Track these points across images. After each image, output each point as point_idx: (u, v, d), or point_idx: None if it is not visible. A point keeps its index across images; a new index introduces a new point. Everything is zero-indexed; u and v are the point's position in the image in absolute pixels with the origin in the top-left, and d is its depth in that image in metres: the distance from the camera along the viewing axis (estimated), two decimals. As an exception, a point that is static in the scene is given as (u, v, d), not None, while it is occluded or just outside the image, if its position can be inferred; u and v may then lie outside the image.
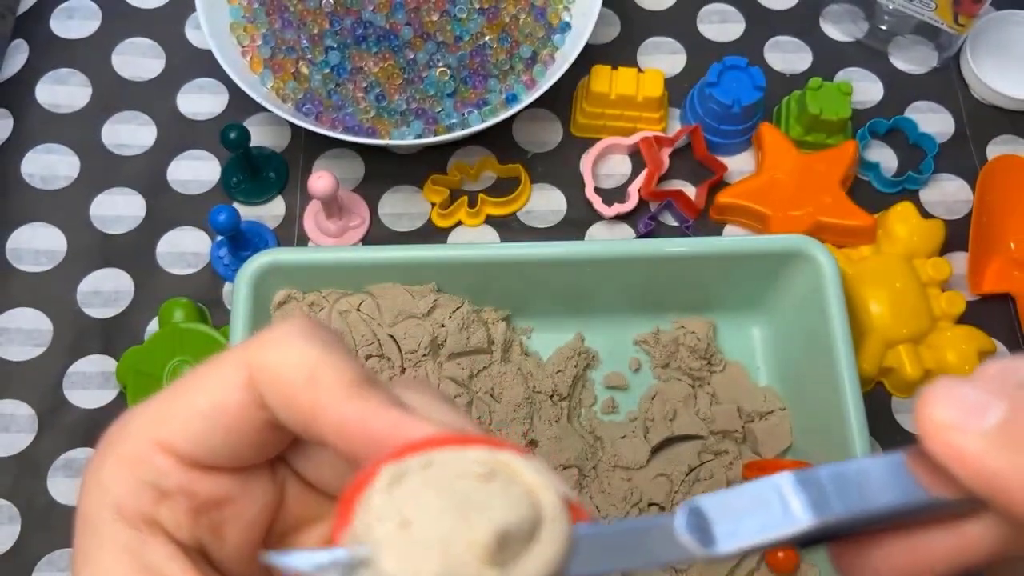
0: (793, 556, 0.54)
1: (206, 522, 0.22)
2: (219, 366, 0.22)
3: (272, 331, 0.22)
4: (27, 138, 0.68)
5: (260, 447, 0.23)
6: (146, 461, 0.22)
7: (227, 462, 0.22)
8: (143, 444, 0.22)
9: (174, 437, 0.22)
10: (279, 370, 0.22)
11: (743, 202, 0.64)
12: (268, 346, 0.22)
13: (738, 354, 0.61)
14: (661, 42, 0.73)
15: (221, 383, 0.22)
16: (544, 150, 0.69)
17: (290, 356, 0.22)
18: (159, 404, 0.23)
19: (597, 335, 0.61)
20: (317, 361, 0.22)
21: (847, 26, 0.73)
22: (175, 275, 0.64)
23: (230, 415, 0.22)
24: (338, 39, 0.66)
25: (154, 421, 0.22)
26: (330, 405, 0.21)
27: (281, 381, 0.22)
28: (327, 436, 0.21)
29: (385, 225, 0.66)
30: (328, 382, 0.21)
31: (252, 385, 0.22)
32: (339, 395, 0.21)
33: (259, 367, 0.22)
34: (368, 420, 0.21)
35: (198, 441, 0.22)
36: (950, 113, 0.70)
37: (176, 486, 0.22)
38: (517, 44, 0.67)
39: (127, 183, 0.67)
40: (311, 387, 0.21)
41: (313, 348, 0.22)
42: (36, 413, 0.60)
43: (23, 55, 0.71)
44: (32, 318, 0.62)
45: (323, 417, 0.21)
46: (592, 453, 0.57)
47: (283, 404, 0.22)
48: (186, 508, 0.22)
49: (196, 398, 0.22)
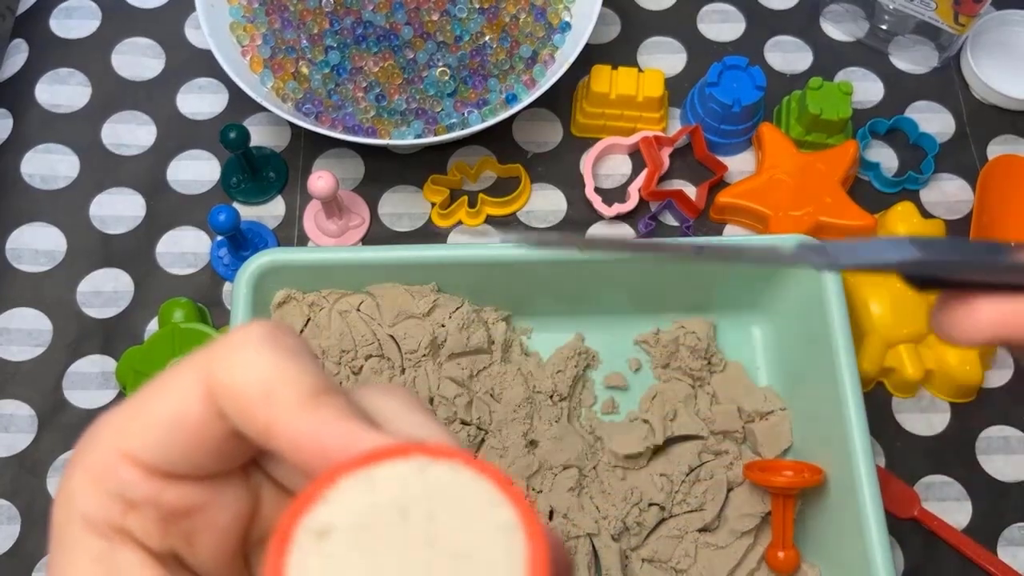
0: (793, 556, 0.54)
1: (177, 530, 0.22)
2: (178, 376, 0.22)
3: (231, 338, 0.22)
4: (27, 138, 0.68)
5: (225, 456, 0.22)
6: (111, 472, 0.21)
7: (193, 471, 0.22)
8: (108, 455, 0.22)
9: (138, 448, 0.21)
10: (234, 384, 0.21)
11: (743, 202, 0.64)
12: (225, 357, 0.21)
13: (738, 354, 0.61)
14: (661, 42, 0.73)
15: (180, 394, 0.22)
16: (544, 150, 0.69)
17: (246, 370, 0.21)
18: (124, 414, 0.22)
19: (597, 335, 0.61)
20: (273, 373, 0.21)
21: (847, 26, 0.73)
22: (175, 275, 0.64)
23: (191, 426, 0.21)
24: (338, 39, 0.66)
25: (119, 431, 0.22)
26: (284, 420, 0.21)
27: (237, 395, 0.21)
28: (283, 451, 0.21)
29: (385, 225, 0.66)
30: (283, 396, 0.21)
31: (210, 396, 0.21)
32: (293, 409, 0.21)
33: (215, 380, 0.21)
34: (319, 434, 0.20)
35: (161, 452, 0.21)
36: (950, 113, 0.70)
37: (143, 496, 0.21)
38: (517, 44, 0.67)
39: (127, 183, 0.66)
40: (266, 402, 0.21)
41: (270, 359, 0.21)
42: (36, 413, 0.60)
43: (23, 55, 0.70)
44: (32, 318, 0.62)
45: (278, 433, 0.21)
46: (592, 453, 0.57)
47: (241, 417, 0.21)
48: (154, 517, 0.22)
49: (158, 408, 0.22)
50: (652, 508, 0.55)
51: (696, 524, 0.55)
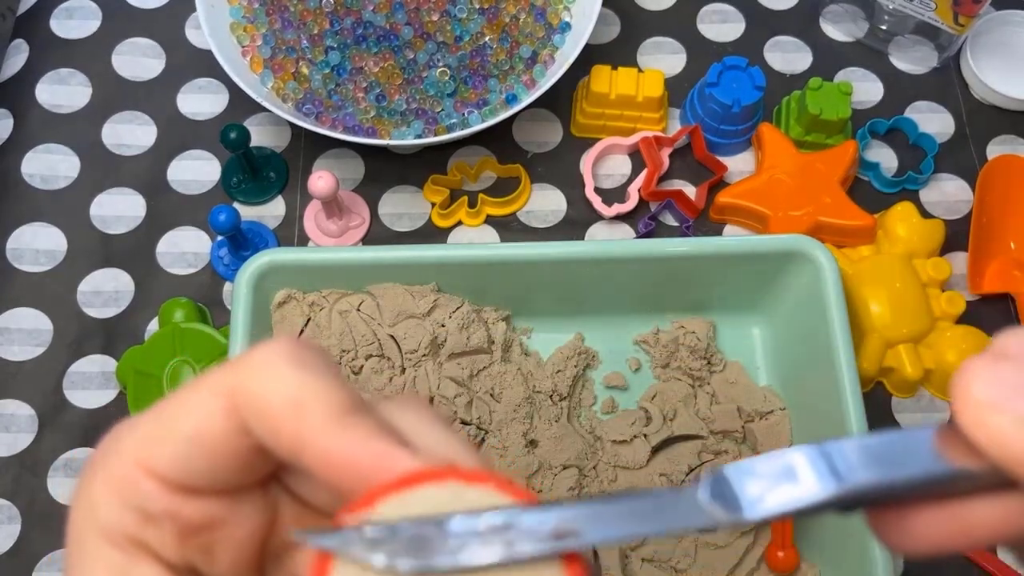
0: (793, 556, 0.54)
1: (195, 544, 0.22)
2: (201, 390, 0.22)
3: (256, 354, 0.22)
4: (27, 138, 0.68)
5: (246, 472, 0.22)
6: (132, 485, 0.21)
7: (213, 486, 0.22)
8: (129, 467, 0.22)
9: (159, 461, 0.21)
10: (263, 399, 0.21)
11: (743, 202, 0.64)
12: (252, 372, 0.21)
13: (738, 354, 0.61)
14: (661, 42, 0.73)
15: (204, 409, 0.21)
16: (544, 150, 0.69)
17: (274, 384, 0.21)
18: (146, 425, 0.22)
19: (597, 335, 0.61)
20: (302, 389, 0.21)
21: (847, 26, 0.73)
22: (175, 275, 0.64)
23: (213, 442, 0.21)
24: (338, 39, 0.66)
25: (141, 443, 0.22)
26: (315, 437, 0.20)
27: (265, 411, 0.21)
28: (313, 468, 0.21)
29: (385, 225, 0.66)
30: (313, 412, 0.21)
31: (235, 412, 0.21)
32: (325, 426, 0.21)
33: (242, 395, 0.21)
34: (353, 453, 0.20)
35: (182, 466, 0.21)
36: (950, 113, 0.70)
37: (162, 510, 0.21)
38: (517, 44, 0.67)
39: (127, 183, 0.67)
40: (295, 418, 0.21)
41: (298, 375, 0.21)
42: (36, 413, 0.60)
43: (23, 55, 0.70)
44: (32, 318, 0.62)
45: (308, 449, 0.21)
46: (592, 453, 0.57)
47: (268, 433, 0.21)
48: (173, 531, 0.22)
49: (179, 423, 0.22)
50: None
51: (696, 524, 0.55)
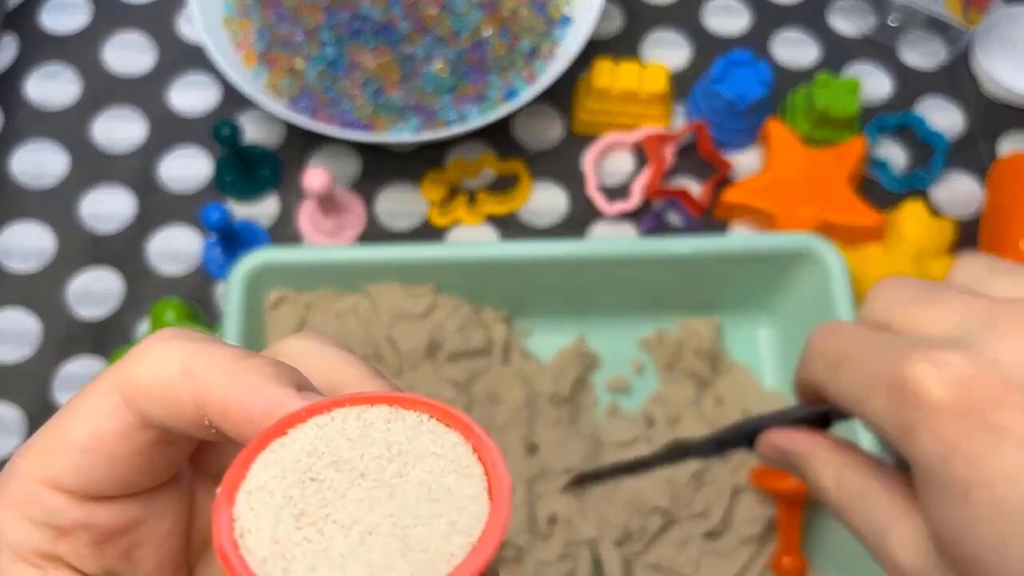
0: (800, 564, 0.53)
1: (113, 550, 0.22)
2: (91, 394, 0.21)
3: (138, 346, 0.22)
4: (16, 135, 0.67)
5: (152, 469, 0.22)
6: (35, 502, 0.21)
7: (121, 490, 0.22)
8: (29, 484, 0.21)
9: (60, 473, 0.21)
10: (151, 376, 0.21)
11: (749, 201, 0.63)
12: (136, 362, 0.21)
13: (744, 356, 0.60)
14: (665, 36, 0.71)
15: (95, 412, 0.21)
16: (545, 147, 0.67)
17: (161, 363, 0.21)
18: (41, 441, 0.22)
19: (599, 336, 0.60)
20: (191, 357, 0.20)
21: (855, 20, 0.72)
22: (166, 275, 0.63)
23: (111, 444, 0.21)
24: (334, 34, 0.65)
25: (39, 458, 0.21)
26: (211, 390, 0.20)
27: (158, 390, 0.20)
28: (220, 427, 0.20)
29: (382, 223, 0.65)
30: (204, 368, 0.20)
31: (127, 407, 0.21)
32: (218, 378, 0.20)
33: (131, 386, 0.21)
34: (246, 400, 0.20)
35: (84, 475, 0.21)
36: (960, 109, 0.69)
37: (72, 522, 0.21)
38: (517, 38, 0.66)
39: (118, 180, 0.65)
40: (188, 379, 0.20)
41: (183, 346, 0.21)
42: (26, 415, 0.59)
43: (12, 50, 0.69)
44: (20, 319, 0.61)
45: (209, 409, 0.20)
46: (594, 458, 0.56)
47: (166, 409, 0.20)
48: (87, 541, 0.21)
49: (73, 431, 0.21)
50: (655, 513, 0.54)
51: (700, 529, 0.54)
